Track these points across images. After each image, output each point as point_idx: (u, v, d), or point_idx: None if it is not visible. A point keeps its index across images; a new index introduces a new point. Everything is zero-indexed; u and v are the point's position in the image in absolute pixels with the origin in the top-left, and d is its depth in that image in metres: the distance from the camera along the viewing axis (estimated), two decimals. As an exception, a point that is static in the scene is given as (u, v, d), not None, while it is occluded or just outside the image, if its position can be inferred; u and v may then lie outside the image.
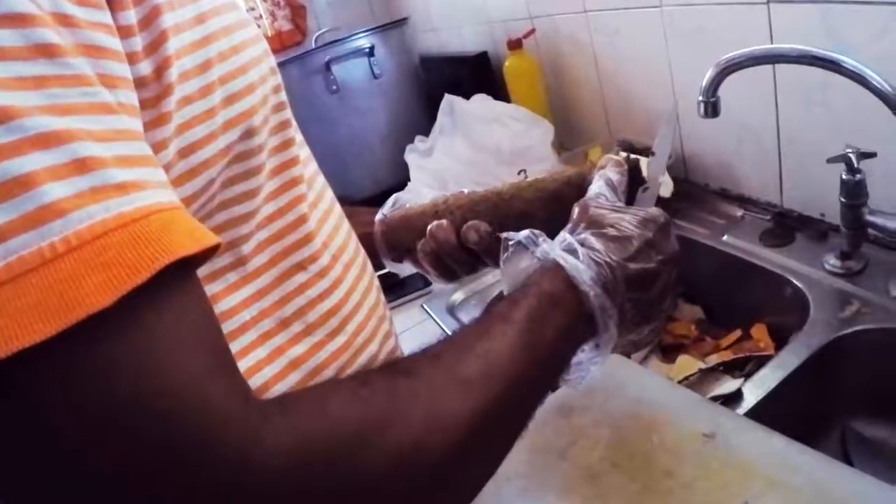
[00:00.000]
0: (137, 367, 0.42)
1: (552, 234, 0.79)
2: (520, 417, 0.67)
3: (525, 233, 0.77)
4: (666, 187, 0.88)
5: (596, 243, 0.74)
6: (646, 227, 0.78)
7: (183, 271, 0.46)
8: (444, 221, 0.94)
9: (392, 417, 0.53)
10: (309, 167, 0.74)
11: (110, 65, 0.47)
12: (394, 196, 1.06)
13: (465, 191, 1.01)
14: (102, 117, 0.44)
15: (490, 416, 0.59)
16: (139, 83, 0.50)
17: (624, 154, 0.90)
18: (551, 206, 0.92)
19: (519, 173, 0.98)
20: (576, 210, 0.80)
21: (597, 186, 0.84)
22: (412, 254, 0.99)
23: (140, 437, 0.42)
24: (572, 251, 0.74)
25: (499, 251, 0.78)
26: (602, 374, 0.92)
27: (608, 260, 0.73)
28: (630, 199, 0.88)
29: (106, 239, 0.41)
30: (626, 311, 0.75)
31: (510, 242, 0.77)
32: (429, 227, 0.94)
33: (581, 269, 0.71)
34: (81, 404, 0.40)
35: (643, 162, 0.90)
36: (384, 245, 1.02)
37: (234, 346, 0.59)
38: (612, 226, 0.76)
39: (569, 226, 0.79)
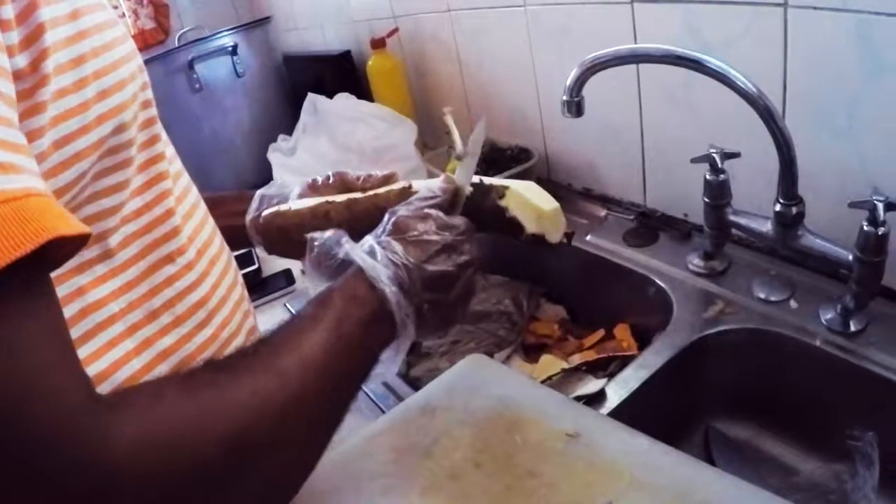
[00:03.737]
0: None
1: None
2: (335, 407, 0.68)
3: (329, 233, 0.80)
4: (557, 231, 0.93)
5: (396, 246, 0.77)
6: (445, 231, 0.80)
7: (41, 264, 0.45)
8: None
9: (218, 409, 0.53)
10: (174, 164, 0.75)
11: None
12: (258, 194, 1.04)
13: (329, 175, 1.01)
14: None
15: (306, 405, 0.61)
16: (16, 76, 0.50)
17: (477, 179, 0.91)
18: None
19: (408, 187, 0.91)
20: (386, 216, 0.82)
21: (416, 201, 0.85)
22: (295, 258, 0.99)
23: None
24: (372, 252, 0.76)
25: None
26: (464, 373, 0.96)
27: (405, 262, 0.75)
28: (482, 225, 0.88)
29: None
30: (423, 312, 0.77)
31: (315, 243, 0.80)
32: None
33: (378, 269, 0.74)
34: None
35: (513, 188, 0.89)
36: (263, 247, 1.02)
37: (103, 338, 0.61)
38: (413, 230, 0.79)
39: (376, 230, 0.81)
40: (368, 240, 0.79)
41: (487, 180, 0.91)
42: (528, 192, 0.89)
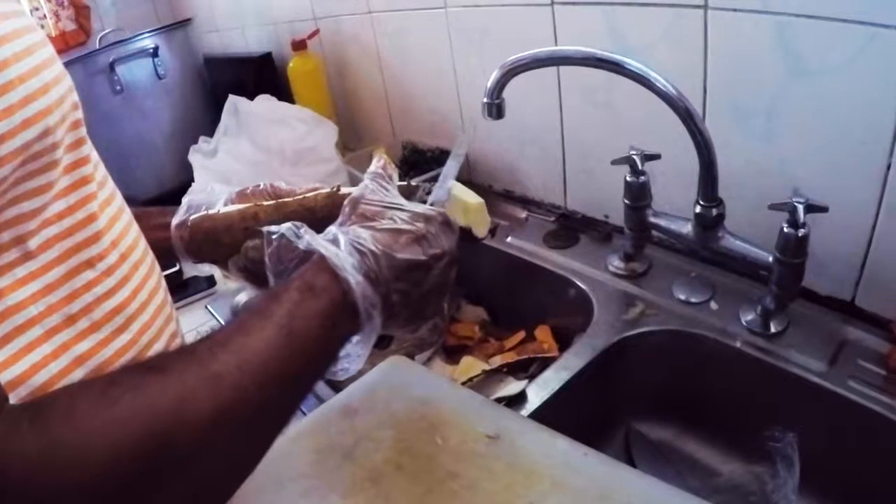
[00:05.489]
0: None
1: None
2: (278, 412, 0.65)
3: (287, 225, 0.75)
4: (484, 226, 0.88)
5: (362, 233, 0.72)
6: (418, 222, 0.75)
7: None
8: (258, 242, 0.87)
9: (139, 415, 0.51)
10: (100, 169, 0.71)
11: None
12: (186, 200, 0.99)
13: (262, 184, 0.98)
14: None
15: (241, 411, 0.58)
16: None
17: (403, 182, 0.87)
18: None
19: (336, 189, 0.88)
20: (346, 206, 0.78)
21: (368, 181, 0.80)
22: (219, 264, 0.95)
23: None
24: (335, 241, 0.72)
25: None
26: (385, 374, 0.96)
27: (372, 248, 0.71)
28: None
29: None
30: (393, 303, 0.73)
31: (273, 236, 0.75)
32: (244, 247, 0.89)
33: (342, 257, 0.70)
34: None
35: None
36: (185, 253, 0.96)
37: (21, 341, 0.58)
38: (382, 219, 0.75)
39: (338, 220, 0.77)
40: (332, 230, 0.74)
41: (415, 181, 0.88)
42: (453, 188, 0.86)
